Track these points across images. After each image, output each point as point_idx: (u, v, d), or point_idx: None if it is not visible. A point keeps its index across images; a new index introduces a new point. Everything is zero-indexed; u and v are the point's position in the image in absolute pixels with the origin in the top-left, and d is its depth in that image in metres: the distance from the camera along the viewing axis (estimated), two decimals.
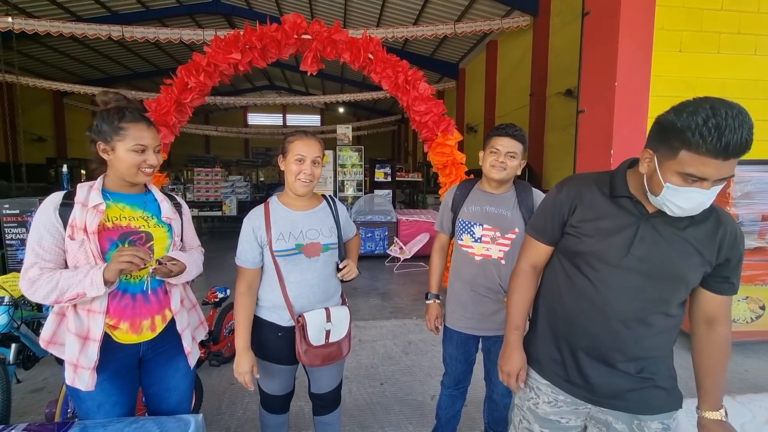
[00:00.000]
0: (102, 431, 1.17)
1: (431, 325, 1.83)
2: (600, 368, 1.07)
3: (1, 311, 2.00)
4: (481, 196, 1.71)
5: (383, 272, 5.77)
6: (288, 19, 4.03)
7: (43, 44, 10.84)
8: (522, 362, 1.19)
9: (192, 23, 11.42)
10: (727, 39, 3.66)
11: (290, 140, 1.46)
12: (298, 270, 1.44)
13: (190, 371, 1.45)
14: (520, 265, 1.23)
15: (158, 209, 1.35)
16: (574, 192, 1.11)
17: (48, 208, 1.19)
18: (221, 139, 20.21)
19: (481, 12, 8.74)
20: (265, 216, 1.45)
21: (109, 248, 1.21)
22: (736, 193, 3.05)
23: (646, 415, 1.05)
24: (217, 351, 2.78)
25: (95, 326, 1.20)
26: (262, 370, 1.53)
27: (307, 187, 1.45)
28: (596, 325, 1.05)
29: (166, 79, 4.08)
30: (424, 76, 4.26)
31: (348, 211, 6.89)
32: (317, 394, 1.65)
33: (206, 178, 9.15)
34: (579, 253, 1.07)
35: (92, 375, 1.19)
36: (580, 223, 1.07)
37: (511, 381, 1.20)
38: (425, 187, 11.55)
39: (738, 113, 0.81)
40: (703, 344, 1.06)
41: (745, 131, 0.80)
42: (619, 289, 1.02)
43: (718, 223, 0.99)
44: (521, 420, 1.24)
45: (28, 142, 10.21)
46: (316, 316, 1.43)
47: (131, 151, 1.23)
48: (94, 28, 8.14)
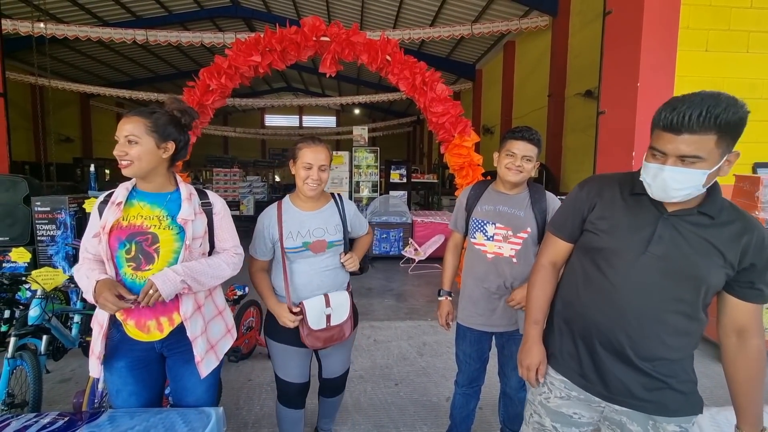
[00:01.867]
0: (129, 420, 1.21)
1: (442, 321, 1.88)
2: (615, 365, 1.05)
3: (34, 304, 2.09)
4: (495, 196, 1.74)
5: (398, 273, 5.77)
6: (307, 22, 4.08)
7: (71, 48, 11.27)
8: (541, 356, 1.20)
9: (213, 27, 11.68)
10: (756, 37, 3.54)
11: (299, 147, 1.57)
12: (306, 263, 1.60)
13: (209, 376, 1.39)
14: (540, 261, 1.25)
15: (177, 208, 1.32)
16: (596, 190, 1.12)
17: (96, 204, 1.33)
18: (239, 140, 20.58)
19: (499, 12, 8.66)
20: (277, 215, 1.60)
21: (117, 247, 1.25)
22: (765, 197, 2.94)
23: (661, 416, 1.03)
24: (235, 347, 2.83)
25: (102, 317, 1.29)
26: (278, 355, 1.66)
27: (315, 191, 1.57)
28: (612, 321, 1.04)
29: (188, 82, 4.19)
30: (440, 77, 4.25)
31: (363, 211, 6.94)
32: (328, 379, 1.82)
33: (224, 178, 9.35)
34: (597, 249, 1.08)
35: (97, 363, 1.27)
36: (599, 220, 1.08)
37: (531, 375, 1.20)
38: (440, 188, 11.50)
39: (711, 96, 0.85)
40: (734, 357, 1.03)
41: (705, 108, 0.83)
42: (636, 286, 1.01)
43: (744, 227, 0.97)
44: (532, 414, 1.24)
45: (56, 142, 10.58)
46: (315, 302, 1.57)
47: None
48: (119, 32, 8.43)
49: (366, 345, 3.30)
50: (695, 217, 0.98)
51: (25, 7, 8.64)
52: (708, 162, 0.89)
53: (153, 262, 1.26)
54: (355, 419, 2.31)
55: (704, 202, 0.99)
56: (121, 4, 9.72)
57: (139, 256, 1.26)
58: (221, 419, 1.32)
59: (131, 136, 1.25)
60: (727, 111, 0.84)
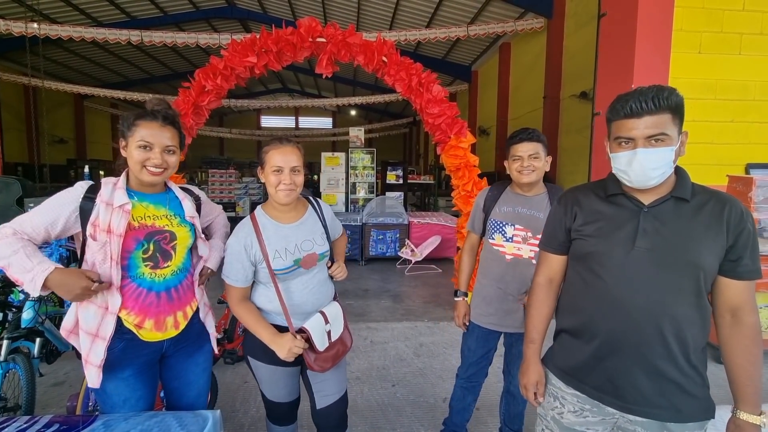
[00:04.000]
0: (124, 424, 1.20)
1: (459, 322, 1.88)
2: (627, 370, 1.04)
3: (27, 306, 2.07)
4: (513, 197, 1.75)
5: (394, 274, 5.77)
6: (303, 23, 4.08)
7: (65, 48, 11.18)
8: (538, 376, 1.22)
9: (208, 28, 11.64)
10: (749, 40, 3.58)
11: (265, 150, 1.40)
12: (298, 281, 1.44)
13: (209, 367, 1.49)
14: (536, 280, 1.28)
15: (180, 207, 1.38)
16: (572, 200, 1.18)
17: (71, 195, 1.21)
18: (235, 141, 20.50)
19: (495, 14, 8.70)
20: (255, 233, 1.39)
21: (135, 247, 1.24)
22: (758, 197, 2.97)
23: (676, 423, 1.02)
24: (231, 349, 2.82)
25: (106, 326, 1.22)
26: (267, 375, 1.49)
27: (289, 197, 1.39)
28: (617, 322, 1.04)
29: (183, 83, 4.17)
30: (436, 78, 4.26)
31: (359, 212, 6.93)
32: (323, 409, 1.52)
33: (220, 179, 9.31)
34: (589, 254, 1.11)
35: (98, 373, 1.21)
36: (583, 226, 1.12)
37: (528, 394, 1.23)
38: (437, 189, 11.53)
39: (655, 86, 0.98)
40: (729, 337, 1.03)
41: (655, 93, 0.96)
42: (633, 283, 1.02)
43: (721, 203, 1.00)
44: (543, 429, 1.22)
45: (49, 143, 10.50)
46: (315, 322, 1.41)
47: (137, 147, 1.25)
48: (114, 33, 8.36)
49: (363, 346, 3.29)
50: (672, 203, 1.02)
51: (18, 7, 8.56)
52: (671, 139, 0.97)
53: (170, 259, 1.31)
54: (351, 421, 2.29)
55: (676, 187, 1.03)
56: (116, 5, 9.66)
57: (157, 255, 1.28)
58: (218, 422, 1.31)
59: (171, 147, 1.29)
60: (671, 94, 0.96)
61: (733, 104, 3.67)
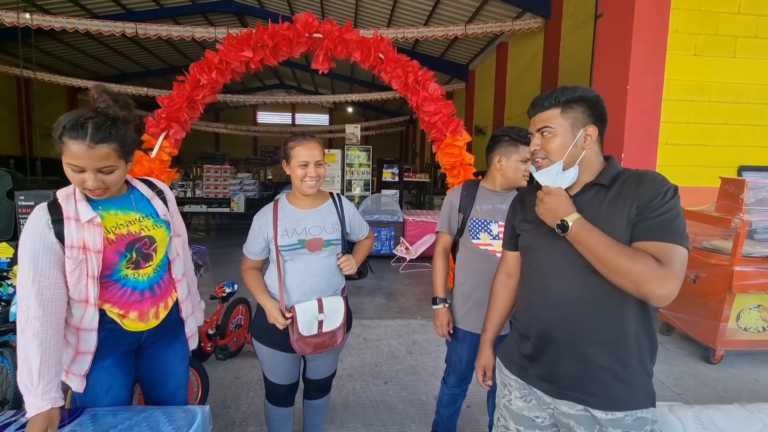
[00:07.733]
0: (111, 419, 1.19)
1: (443, 332, 1.76)
2: (560, 358, 1.06)
3: (16, 300, 2.03)
4: (491, 195, 1.73)
5: (389, 272, 5.77)
6: (300, 18, 4.06)
7: (58, 40, 11.02)
8: (486, 360, 1.37)
9: (204, 21, 11.52)
10: (743, 43, 3.61)
11: (291, 146, 1.53)
12: (301, 261, 1.55)
13: (186, 356, 1.49)
14: (495, 275, 1.38)
15: (150, 206, 1.32)
16: (518, 198, 1.29)
17: (39, 226, 1.10)
18: (231, 137, 20.35)
19: (492, 14, 8.70)
20: (273, 215, 1.56)
21: (119, 260, 1.21)
22: (749, 200, 2.99)
23: (610, 410, 1.00)
24: (223, 345, 2.81)
25: (87, 343, 1.20)
26: (268, 358, 1.62)
27: (314, 188, 1.54)
28: (549, 311, 1.08)
29: (178, 76, 4.13)
30: (433, 76, 4.26)
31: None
32: (312, 380, 1.77)
33: (215, 175, 9.23)
34: (525, 247, 1.21)
35: (82, 381, 1.23)
36: (522, 222, 1.22)
37: (479, 375, 1.39)
38: (432, 188, 11.53)
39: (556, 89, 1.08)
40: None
41: (549, 94, 1.07)
42: (560, 270, 1.06)
43: (637, 179, 1.01)
44: (499, 418, 1.26)
45: (42, 136, 10.36)
46: (307, 307, 1.52)
47: (68, 166, 1.08)
48: (108, 25, 8.25)
49: (356, 343, 3.29)
50: (594, 190, 1.05)
51: None
52: (560, 131, 1.05)
53: (151, 260, 1.30)
54: (343, 417, 2.30)
55: (599, 175, 1.06)
56: None
57: (139, 259, 1.27)
58: (207, 417, 1.30)
59: (106, 167, 1.10)
60: (563, 92, 1.05)
61: (726, 107, 3.70)
